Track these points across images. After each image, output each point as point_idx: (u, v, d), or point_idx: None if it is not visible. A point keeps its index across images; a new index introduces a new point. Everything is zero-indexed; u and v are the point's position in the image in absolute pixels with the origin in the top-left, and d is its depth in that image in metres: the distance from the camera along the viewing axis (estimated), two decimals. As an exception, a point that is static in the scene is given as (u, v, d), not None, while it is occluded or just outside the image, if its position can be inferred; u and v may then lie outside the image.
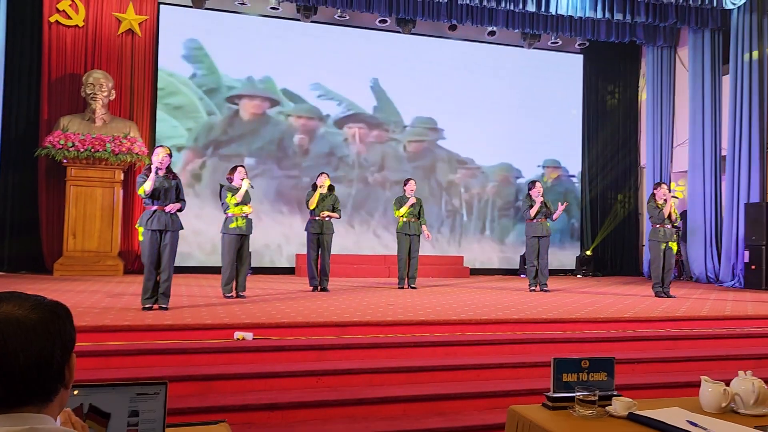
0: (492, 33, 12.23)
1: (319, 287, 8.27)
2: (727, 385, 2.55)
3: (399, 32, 12.05)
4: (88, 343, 4.45)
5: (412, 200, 8.93)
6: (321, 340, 4.94)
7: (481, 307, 6.62)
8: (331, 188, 8.43)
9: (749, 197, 10.47)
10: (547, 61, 13.51)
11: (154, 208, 6.01)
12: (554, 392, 2.53)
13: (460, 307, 6.57)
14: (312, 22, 11.53)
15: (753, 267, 10.12)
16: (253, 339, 4.82)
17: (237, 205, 7.17)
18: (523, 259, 12.75)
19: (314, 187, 8.39)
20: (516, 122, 13.16)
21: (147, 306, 5.86)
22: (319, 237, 8.31)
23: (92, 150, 9.81)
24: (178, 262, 10.86)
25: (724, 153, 11.16)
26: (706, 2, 9.88)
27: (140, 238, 6.18)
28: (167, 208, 6.01)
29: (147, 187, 5.90)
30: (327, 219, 8.32)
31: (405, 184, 9.10)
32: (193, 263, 11.13)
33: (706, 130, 11.52)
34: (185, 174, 11.17)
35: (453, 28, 12.01)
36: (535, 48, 12.93)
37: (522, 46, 12.85)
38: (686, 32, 11.96)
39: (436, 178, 12.81)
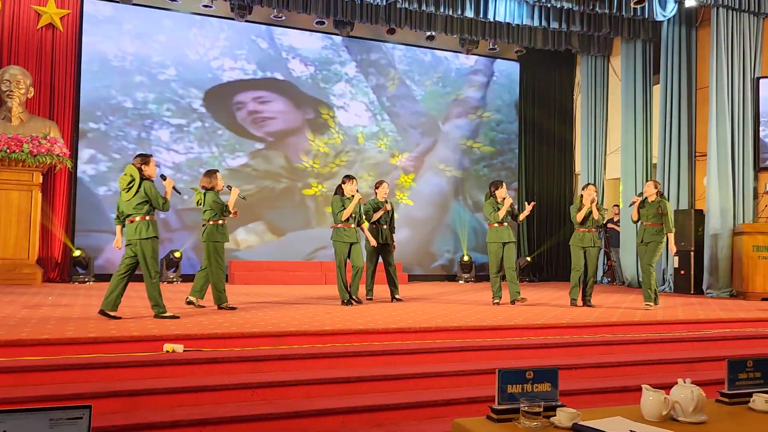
0: (431, 38, 12.25)
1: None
2: (667, 392, 2.58)
3: (337, 34, 11.93)
4: (2, 359, 4.14)
5: (387, 206, 8.02)
6: (256, 351, 4.77)
7: (420, 314, 6.55)
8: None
9: (678, 204, 10.78)
10: (484, 67, 13.63)
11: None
12: (499, 404, 2.52)
13: (399, 315, 6.48)
14: (246, 21, 11.25)
15: (682, 272, 10.42)
16: (184, 351, 4.59)
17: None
18: (460, 265, 12.82)
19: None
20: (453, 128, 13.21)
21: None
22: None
23: (8, 151, 9.31)
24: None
25: (655, 161, 11.47)
26: (638, 14, 10.15)
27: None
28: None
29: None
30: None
31: (377, 187, 8.19)
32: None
33: (638, 138, 11.84)
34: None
35: (392, 31, 11.96)
36: (473, 54, 13.02)
37: (460, 52, 12.93)
38: (619, 42, 12.27)
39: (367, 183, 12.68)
